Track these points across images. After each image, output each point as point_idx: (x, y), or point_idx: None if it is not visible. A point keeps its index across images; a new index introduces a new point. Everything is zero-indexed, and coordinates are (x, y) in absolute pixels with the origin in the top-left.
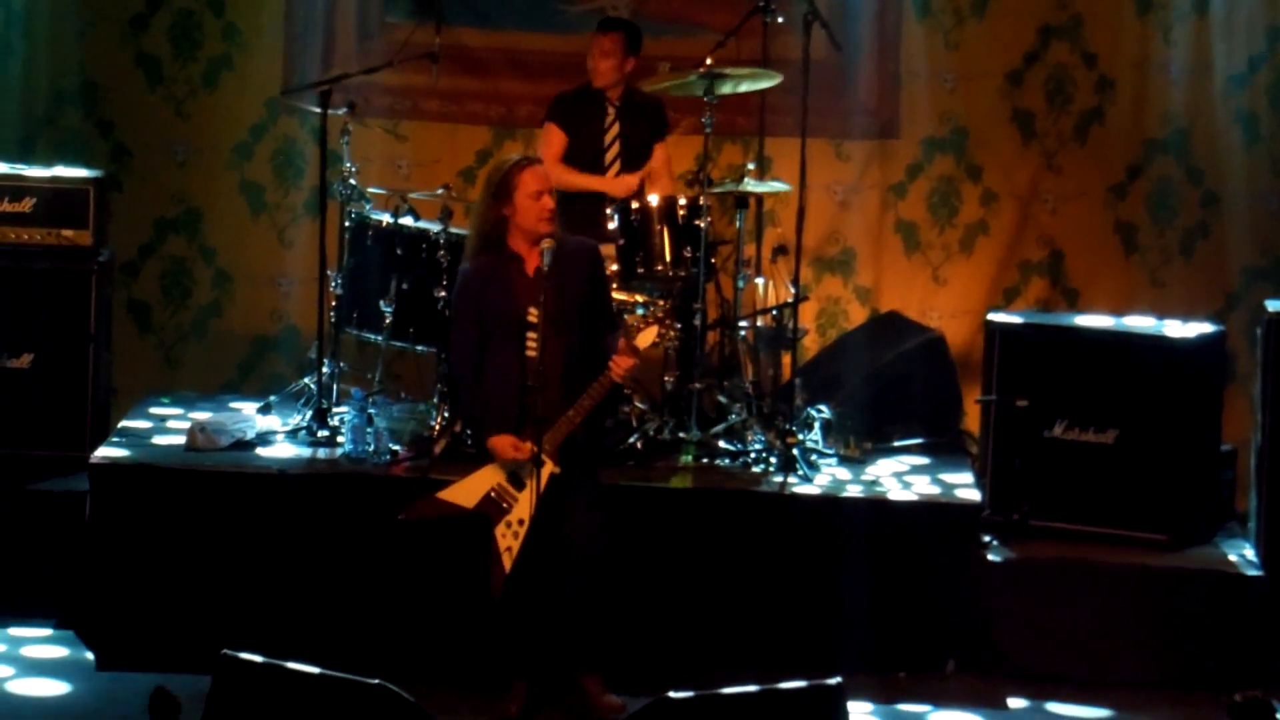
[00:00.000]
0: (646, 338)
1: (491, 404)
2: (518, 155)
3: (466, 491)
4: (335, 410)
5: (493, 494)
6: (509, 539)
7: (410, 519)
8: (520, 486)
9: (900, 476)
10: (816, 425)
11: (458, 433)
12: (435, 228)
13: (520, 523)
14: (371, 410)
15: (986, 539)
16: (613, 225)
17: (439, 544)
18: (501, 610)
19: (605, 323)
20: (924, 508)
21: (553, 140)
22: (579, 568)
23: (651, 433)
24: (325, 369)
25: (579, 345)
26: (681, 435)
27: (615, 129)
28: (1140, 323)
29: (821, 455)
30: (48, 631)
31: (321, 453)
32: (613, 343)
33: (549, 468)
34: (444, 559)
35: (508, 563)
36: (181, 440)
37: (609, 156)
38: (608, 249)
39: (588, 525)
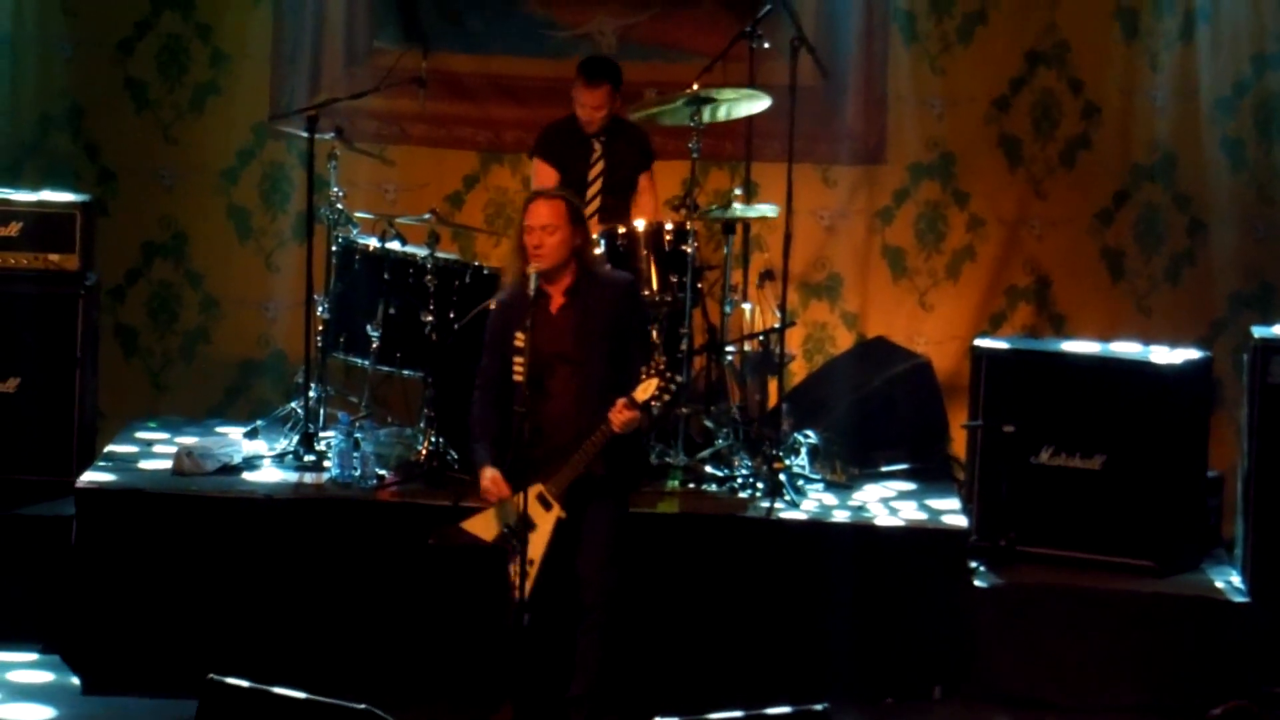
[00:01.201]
0: (646, 391)
1: (486, 433)
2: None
3: (485, 525)
4: (322, 435)
5: (505, 531)
6: (519, 576)
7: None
8: (529, 528)
9: (887, 502)
10: (803, 450)
11: (444, 454)
12: (422, 252)
13: (531, 563)
14: (358, 435)
15: (973, 565)
16: (599, 251)
17: (426, 569)
18: (506, 637)
19: (638, 360)
20: (911, 533)
21: (542, 176)
22: (590, 614)
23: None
24: (312, 393)
25: (598, 379)
26: (668, 460)
27: (600, 165)
28: (1127, 349)
29: (808, 480)
30: (34, 656)
31: (308, 477)
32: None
33: (555, 512)
34: (431, 584)
35: (517, 596)
36: (168, 465)
37: (590, 191)
38: None
39: (600, 581)
